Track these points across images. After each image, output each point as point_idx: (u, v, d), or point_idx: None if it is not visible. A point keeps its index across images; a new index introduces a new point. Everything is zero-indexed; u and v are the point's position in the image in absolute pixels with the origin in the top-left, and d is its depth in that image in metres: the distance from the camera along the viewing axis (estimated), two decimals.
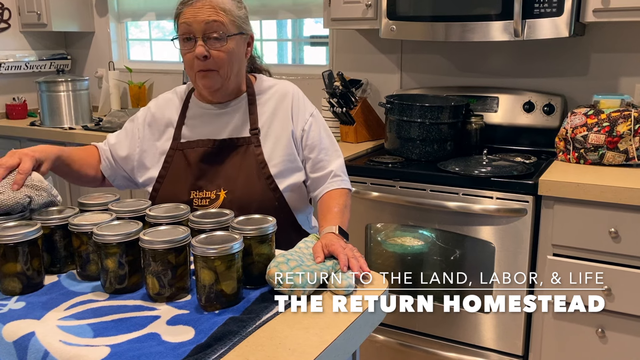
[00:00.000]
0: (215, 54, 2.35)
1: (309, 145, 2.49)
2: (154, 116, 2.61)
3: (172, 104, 2.62)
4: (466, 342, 3.47)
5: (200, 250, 1.72)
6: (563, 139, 3.43)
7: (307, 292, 1.81)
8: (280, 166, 2.43)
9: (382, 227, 3.72)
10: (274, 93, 2.56)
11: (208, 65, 2.36)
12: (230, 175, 2.43)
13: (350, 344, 1.70)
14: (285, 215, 2.44)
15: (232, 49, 2.38)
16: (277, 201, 2.41)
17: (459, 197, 3.31)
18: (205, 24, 2.32)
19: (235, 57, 2.42)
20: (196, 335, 1.60)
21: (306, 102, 2.58)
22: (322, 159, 2.49)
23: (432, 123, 3.63)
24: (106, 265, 1.84)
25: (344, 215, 2.32)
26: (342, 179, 2.49)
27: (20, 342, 1.59)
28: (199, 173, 2.45)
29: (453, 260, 3.56)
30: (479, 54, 4.14)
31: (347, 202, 2.40)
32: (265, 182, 2.40)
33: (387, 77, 4.48)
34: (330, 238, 2.07)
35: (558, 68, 3.93)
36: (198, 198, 2.42)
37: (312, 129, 2.51)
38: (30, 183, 2.10)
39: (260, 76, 2.64)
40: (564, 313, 3.17)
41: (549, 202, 3.12)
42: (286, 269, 1.82)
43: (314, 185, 2.50)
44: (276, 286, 1.80)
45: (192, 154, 2.47)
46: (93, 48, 5.95)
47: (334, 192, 2.44)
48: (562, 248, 3.12)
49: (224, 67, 2.39)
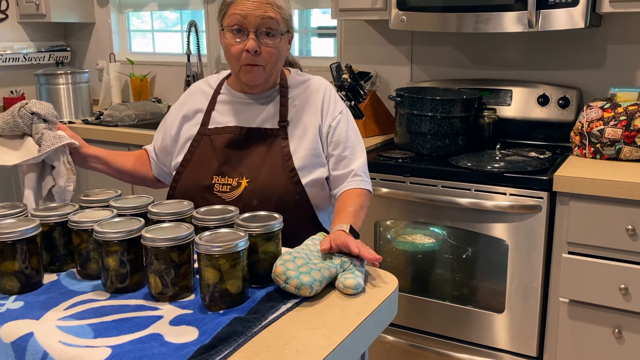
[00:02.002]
0: (265, 50, 2.39)
1: (334, 141, 2.51)
2: (185, 103, 2.67)
3: (203, 92, 2.67)
4: (478, 343, 3.46)
5: (204, 248, 1.72)
6: (579, 133, 3.43)
7: (314, 291, 1.81)
8: (304, 160, 2.45)
9: (392, 225, 3.72)
10: (307, 88, 2.59)
11: (256, 60, 2.40)
12: (254, 164, 2.45)
13: (359, 345, 1.70)
14: (305, 210, 2.46)
15: (279, 46, 2.42)
16: (298, 195, 2.42)
17: (471, 194, 3.30)
18: (261, 19, 2.35)
19: (282, 54, 2.47)
20: (200, 335, 1.59)
21: (337, 99, 2.60)
22: (346, 156, 2.50)
23: (443, 117, 3.62)
24: (107, 263, 1.84)
25: (359, 215, 2.32)
26: (363, 179, 2.49)
27: (18, 342, 1.59)
28: (224, 159, 2.47)
29: (465, 258, 3.56)
30: (492, 45, 4.13)
31: (363, 203, 2.41)
32: (289, 174, 2.42)
33: (397, 69, 4.47)
34: (339, 233, 2.07)
35: (573, 60, 3.92)
36: (220, 184, 2.44)
37: (340, 126, 2.53)
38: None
39: (295, 70, 2.68)
40: (580, 313, 3.16)
41: (564, 198, 3.11)
42: (293, 267, 1.82)
43: (335, 183, 2.51)
44: (282, 285, 1.80)
45: (218, 139, 2.51)
46: (93, 39, 5.95)
47: (352, 191, 2.45)
48: (577, 246, 3.12)
49: (270, 63, 2.43)
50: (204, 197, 2.44)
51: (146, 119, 5.03)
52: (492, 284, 3.44)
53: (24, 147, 2.31)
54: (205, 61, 5.33)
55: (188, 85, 5.20)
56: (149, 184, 2.77)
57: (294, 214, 2.40)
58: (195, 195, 2.43)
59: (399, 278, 2.04)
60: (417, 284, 3.69)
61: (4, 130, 2.31)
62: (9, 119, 2.30)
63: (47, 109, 2.32)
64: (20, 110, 2.30)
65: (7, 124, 2.29)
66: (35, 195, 2.33)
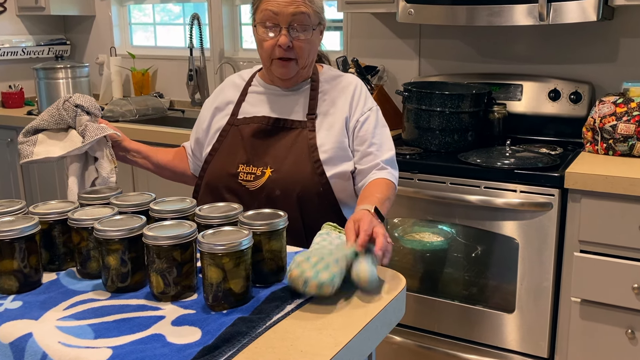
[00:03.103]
0: (297, 45, 2.44)
1: (360, 137, 2.53)
2: (218, 96, 2.73)
3: (235, 84, 2.72)
4: (488, 343, 3.46)
5: (207, 247, 1.71)
6: (591, 128, 3.42)
7: (336, 287, 1.79)
8: (330, 152, 2.47)
9: (400, 222, 3.72)
10: (338, 83, 2.63)
11: (288, 54, 2.45)
12: (280, 154, 2.48)
13: (366, 346, 1.70)
14: (329, 203, 2.47)
15: (311, 40, 2.48)
16: (322, 187, 2.44)
17: (480, 191, 3.30)
18: (293, 16, 2.40)
19: (314, 48, 2.53)
20: (203, 336, 1.59)
21: (368, 96, 2.63)
22: (371, 152, 2.51)
23: (452, 112, 3.61)
24: (108, 262, 1.84)
25: (384, 204, 2.31)
26: (390, 171, 2.50)
27: (16, 343, 1.59)
28: (250, 148, 2.52)
29: (474, 257, 3.56)
30: (502, 39, 4.12)
31: (390, 195, 2.41)
32: (313, 165, 2.44)
33: (404, 63, 4.47)
34: (362, 213, 2.08)
35: (585, 54, 3.91)
36: (244, 172, 2.48)
37: (368, 122, 2.54)
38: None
39: (328, 66, 2.73)
40: (592, 313, 3.16)
41: (575, 195, 3.10)
42: (308, 266, 1.80)
43: (360, 176, 2.52)
44: (302, 289, 1.77)
45: (246, 129, 2.56)
46: (94, 33, 5.96)
47: (380, 180, 2.46)
48: (589, 244, 3.11)
49: (303, 57, 2.48)
50: (229, 186, 2.49)
51: (148, 114, 5.04)
52: (502, 284, 3.43)
53: (69, 139, 2.41)
54: (208, 55, 5.33)
55: (190, 79, 5.21)
56: (188, 181, 2.83)
57: (318, 206, 2.43)
58: (220, 184, 2.51)
59: (407, 277, 2.03)
60: (425, 283, 3.69)
61: (50, 124, 2.43)
62: (54, 112, 2.42)
63: (90, 102, 2.44)
64: (64, 104, 2.42)
65: (52, 117, 2.42)
66: (79, 185, 2.41)
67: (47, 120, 2.41)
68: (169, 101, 5.45)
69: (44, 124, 2.42)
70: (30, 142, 2.41)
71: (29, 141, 2.41)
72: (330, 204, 2.48)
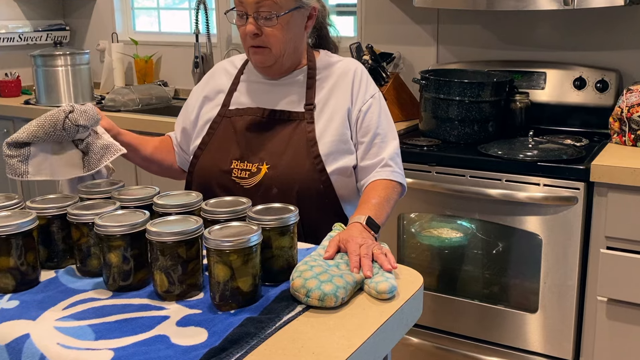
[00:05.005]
0: (268, 32, 2.41)
1: (363, 127, 2.51)
2: (207, 84, 2.70)
3: (226, 71, 2.70)
4: (510, 345, 3.46)
5: (213, 243, 1.71)
6: (618, 119, 3.41)
7: (340, 300, 1.77)
8: (330, 146, 2.45)
9: (417, 218, 3.72)
10: (336, 69, 2.59)
11: (258, 42, 2.43)
12: (276, 149, 2.46)
13: (381, 348, 1.70)
14: (330, 201, 2.46)
15: (284, 27, 2.42)
16: (322, 184, 2.42)
17: (501, 184, 3.29)
18: (256, 3, 2.37)
19: (290, 34, 2.46)
20: (209, 337, 1.59)
21: (370, 82, 2.60)
22: (375, 144, 2.49)
23: (472, 101, 3.61)
24: (109, 259, 1.84)
25: (382, 208, 2.30)
26: (393, 170, 2.48)
27: (13, 345, 1.59)
28: (244, 142, 2.49)
29: (495, 254, 3.55)
30: (525, 24, 4.11)
31: (390, 196, 2.40)
32: (312, 161, 2.42)
33: (421, 50, 4.46)
34: (350, 232, 2.07)
35: (612, 40, 3.90)
36: (238, 169, 2.46)
37: (371, 110, 2.52)
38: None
39: (324, 52, 2.68)
40: (619, 312, 3.15)
41: (602, 189, 3.10)
42: (311, 275, 1.79)
43: (362, 173, 2.50)
44: (304, 299, 1.76)
45: (239, 121, 2.53)
46: (94, 18, 5.96)
47: (378, 182, 2.43)
48: (616, 241, 3.11)
49: (276, 45, 2.44)
50: (222, 183, 2.46)
51: (151, 103, 5.04)
52: (524, 282, 3.43)
53: (69, 160, 2.27)
54: (214, 41, 5.32)
55: (196, 67, 5.20)
56: (175, 175, 2.80)
57: (318, 205, 2.41)
58: (212, 181, 2.47)
59: (424, 275, 2.03)
60: (443, 281, 3.69)
61: (42, 140, 2.22)
62: (50, 130, 2.20)
63: (93, 120, 2.26)
64: (65, 123, 2.20)
65: (47, 136, 2.21)
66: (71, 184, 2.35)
67: (41, 137, 2.21)
68: (173, 90, 5.46)
69: (37, 141, 2.22)
70: (22, 157, 2.23)
71: (20, 156, 2.22)
72: (331, 202, 2.46)
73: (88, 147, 2.27)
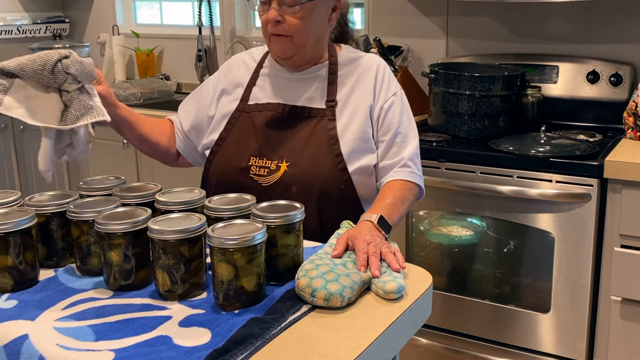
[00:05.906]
0: (290, 20, 2.39)
1: (384, 126, 2.50)
2: (225, 76, 2.68)
3: (245, 65, 2.68)
4: (521, 346, 3.45)
5: (217, 242, 1.71)
6: (632, 113, 3.40)
7: (346, 300, 1.77)
8: (352, 144, 2.44)
9: (426, 215, 3.72)
10: (358, 65, 2.58)
11: (280, 30, 2.41)
12: (296, 147, 2.45)
13: (389, 349, 1.70)
14: (351, 202, 2.45)
15: (308, 16, 2.40)
16: (343, 184, 2.42)
17: (513, 181, 3.29)
18: None
19: (314, 24, 2.45)
20: (213, 338, 1.59)
21: (392, 79, 2.59)
22: (396, 143, 2.49)
23: (482, 96, 3.60)
24: (110, 258, 1.84)
25: (396, 208, 2.30)
26: (412, 170, 2.47)
27: (11, 346, 1.59)
28: (263, 139, 2.48)
29: (506, 252, 3.55)
30: (537, 16, 4.10)
31: (405, 197, 2.39)
32: (334, 160, 2.41)
33: (431, 43, 4.45)
34: (359, 230, 2.07)
35: (627, 33, 3.89)
36: (257, 166, 2.45)
37: (392, 109, 2.52)
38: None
39: (346, 47, 2.67)
40: (633, 312, 3.15)
41: (616, 186, 3.09)
42: (316, 274, 1.79)
43: (381, 172, 2.50)
44: (309, 299, 1.76)
45: (258, 117, 2.52)
46: (95, 10, 5.96)
47: (395, 182, 2.43)
48: (631, 239, 3.10)
49: (298, 34, 2.42)
50: (239, 181, 2.45)
51: (153, 97, 5.05)
52: (536, 281, 3.43)
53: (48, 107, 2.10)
54: (218, 34, 5.33)
55: (199, 60, 5.20)
56: (167, 160, 2.76)
57: (338, 205, 2.41)
58: (229, 178, 2.46)
59: (433, 274, 2.03)
60: (453, 280, 3.69)
61: (30, 78, 2.09)
62: (39, 69, 2.06)
63: (86, 74, 2.12)
64: (56, 66, 2.07)
65: (35, 73, 2.07)
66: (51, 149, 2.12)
67: (28, 73, 2.07)
68: (176, 84, 5.46)
69: (24, 74, 2.08)
70: (2, 86, 2.09)
71: (1, 85, 2.09)
72: (352, 202, 2.45)
73: (71, 101, 2.11)
